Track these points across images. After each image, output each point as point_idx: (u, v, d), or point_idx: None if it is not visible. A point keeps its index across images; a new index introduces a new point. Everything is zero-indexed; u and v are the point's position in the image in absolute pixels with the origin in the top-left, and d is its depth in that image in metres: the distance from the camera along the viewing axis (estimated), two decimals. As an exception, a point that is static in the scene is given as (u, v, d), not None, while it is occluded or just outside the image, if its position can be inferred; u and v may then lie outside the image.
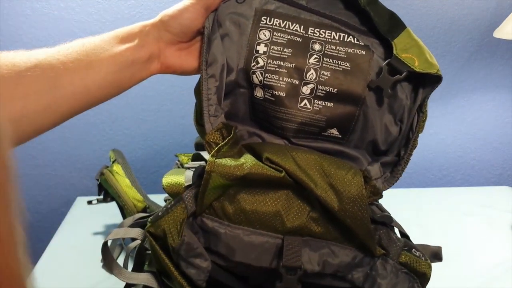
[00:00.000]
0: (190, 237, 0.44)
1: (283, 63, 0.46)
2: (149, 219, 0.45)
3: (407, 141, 0.47)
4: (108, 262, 0.47)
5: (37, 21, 0.92)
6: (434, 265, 0.47)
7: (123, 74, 0.44)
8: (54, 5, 0.91)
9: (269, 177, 0.43)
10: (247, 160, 0.43)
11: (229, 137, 0.45)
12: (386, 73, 0.44)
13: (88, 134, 1.03)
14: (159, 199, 0.83)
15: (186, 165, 0.52)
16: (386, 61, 0.45)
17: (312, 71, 0.46)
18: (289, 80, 0.46)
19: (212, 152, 0.43)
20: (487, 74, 1.07)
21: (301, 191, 0.45)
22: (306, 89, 0.46)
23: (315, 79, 0.46)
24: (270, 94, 0.46)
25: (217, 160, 0.42)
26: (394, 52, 0.44)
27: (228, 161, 0.42)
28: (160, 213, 0.44)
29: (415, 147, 0.47)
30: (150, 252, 0.48)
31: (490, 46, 1.04)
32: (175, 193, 0.50)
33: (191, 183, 0.46)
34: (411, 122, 0.47)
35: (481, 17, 1.00)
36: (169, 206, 0.44)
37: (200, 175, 0.45)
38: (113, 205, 0.81)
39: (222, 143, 0.44)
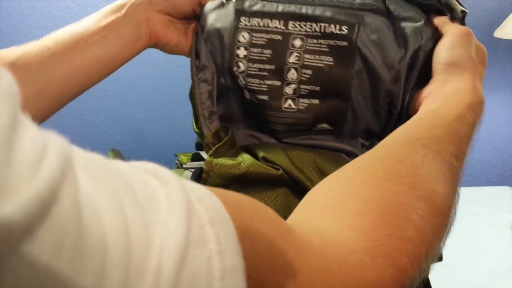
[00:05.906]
0: None
1: (263, 66, 0.45)
2: None
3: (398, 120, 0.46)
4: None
5: (37, 21, 0.92)
6: (434, 265, 0.47)
7: (110, 48, 0.43)
8: (54, 5, 0.91)
9: (267, 175, 0.43)
10: (245, 159, 0.43)
11: (227, 138, 0.45)
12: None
13: (88, 134, 1.03)
14: (159, 199, 0.83)
15: (185, 165, 0.52)
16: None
17: (292, 70, 0.45)
18: (271, 82, 0.45)
19: (210, 152, 0.43)
20: (487, 74, 1.05)
21: (298, 189, 0.45)
22: (289, 90, 0.45)
23: (296, 79, 0.45)
24: (254, 98, 0.46)
25: (214, 159, 0.43)
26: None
27: (225, 161, 0.43)
28: None
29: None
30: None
31: (490, 46, 1.03)
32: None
33: None
34: (401, 104, 0.45)
35: (481, 17, 1.00)
36: None
37: (199, 176, 0.45)
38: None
39: (220, 143, 0.44)
